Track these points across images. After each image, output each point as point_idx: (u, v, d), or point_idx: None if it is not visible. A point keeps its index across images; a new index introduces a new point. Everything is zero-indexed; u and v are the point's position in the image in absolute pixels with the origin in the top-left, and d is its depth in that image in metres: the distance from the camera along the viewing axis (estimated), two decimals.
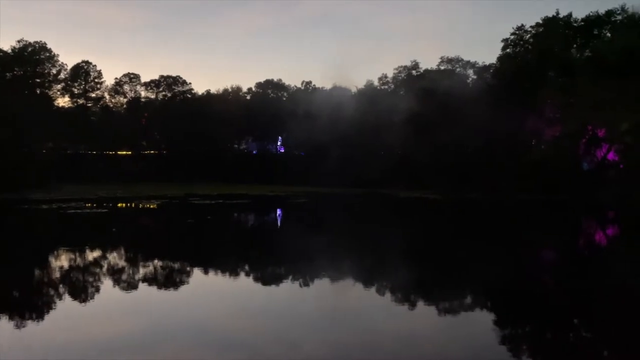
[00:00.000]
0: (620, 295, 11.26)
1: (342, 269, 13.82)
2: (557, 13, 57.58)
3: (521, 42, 60.74)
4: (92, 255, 15.62)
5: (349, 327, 8.52)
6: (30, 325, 8.33)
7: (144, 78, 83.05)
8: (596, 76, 47.22)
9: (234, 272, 13.36)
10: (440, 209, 38.57)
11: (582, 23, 55.80)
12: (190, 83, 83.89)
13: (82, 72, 76.47)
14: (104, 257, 15.35)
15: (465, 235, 22.96)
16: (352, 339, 7.81)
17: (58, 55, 73.11)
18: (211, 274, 13.18)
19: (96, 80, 77.85)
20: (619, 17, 54.31)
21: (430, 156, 59.93)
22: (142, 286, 11.26)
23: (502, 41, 61.54)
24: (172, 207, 35.11)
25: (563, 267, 15.42)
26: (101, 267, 13.59)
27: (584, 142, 54.97)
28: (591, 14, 55.48)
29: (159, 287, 11.27)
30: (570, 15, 57.03)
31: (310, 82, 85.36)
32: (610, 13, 54.81)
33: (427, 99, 62.43)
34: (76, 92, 76.45)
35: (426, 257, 16.48)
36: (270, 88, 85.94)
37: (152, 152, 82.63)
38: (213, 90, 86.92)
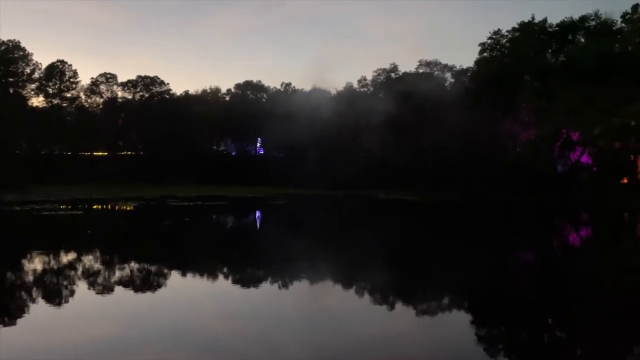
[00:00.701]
0: (595, 295, 11.49)
1: (322, 271, 13.82)
2: (533, 18, 58.69)
3: (498, 47, 61.76)
4: (66, 258, 15.33)
5: (329, 329, 8.53)
6: (1, 330, 8.13)
7: (121, 78, 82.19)
8: (570, 81, 48.24)
9: (213, 274, 13.26)
10: (418, 210, 38.89)
11: (557, 28, 56.99)
12: (168, 83, 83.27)
13: (57, 71, 75.15)
14: (78, 259, 15.08)
15: (443, 236, 23.18)
16: (332, 341, 7.82)
17: (32, 54, 71.83)
18: (189, 276, 13.05)
19: (71, 80, 76.61)
20: (593, 23, 55.58)
21: (409, 158, 60.49)
22: (119, 289, 11.09)
23: (479, 45, 62.52)
24: (149, 209, 34.70)
25: (538, 267, 15.67)
26: (76, 270, 13.35)
27: (558, 145, 56.15)
28: (565, 19, 56.70)
29: (136, 290, 11.12)
30: (545, 20, 58.19)
31: (290, 83, 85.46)
32: (584, 19, 56.05)
33: (406, 102, 63.04)
34: (51, 92, 75.12)
35: (405, 258, 16.58)
36: (249, 89, 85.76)
37: (129, 153, 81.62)
38: (192, 91, 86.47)
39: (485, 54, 62.68)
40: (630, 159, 55.45)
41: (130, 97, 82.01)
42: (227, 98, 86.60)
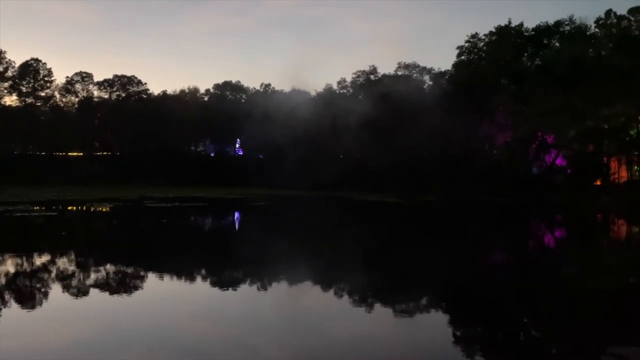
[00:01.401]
0: (567, 295, 11.71)
1: (301, 273, 13.79)
2: (509, 22, 59.68)
3: (475, 50, 62.66)
4: (40, 260, 15.01)
5: (308, 331, 8.51)
6: None
7: (97, 77, 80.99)
8: (546, 84, 49.16)
9: (190, 277, 13.12)
10: (396, 211, 39.13)
11: (533, 33, 58.05)
12: (145, 83, 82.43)
13: (31, 70, 73.80)
14: (52, 262, 14.78)
15: (420, 237, 23.38)
16: (311, 343, 7.80)
17: (5, 52, 70.62)
18: (166, 278, 12.88)
19: (46, 78, 75.30)
20: (567, 28, 56.77)
21: (388, 160, 60.88)
22: (94, 292, 10.90)
23: (457, 48, 63.39)
24: (126, 210, 34.23)
25: (513, 267, 15.89)
26: (50, 272, 13.08)
27: (534, 147, 57.16)
28: (541, 24, 57.81)
29: (112, 293, 10.93)
30: (521, 24, 59.22)
31: (270, 84, 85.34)
32: (559, 24, 57.20)
33: (385, 104, 63.49)
34: (24, 91, 73.70)
35: (382, 259, 16.65)
36: (228, 90, 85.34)
37: (105, 153, 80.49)
38: (170, 91, 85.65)
39: (462, 57, 63.53)
40: (604, 161, 56.72)
41: (106, 96, 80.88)
42: (206, 98, 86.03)
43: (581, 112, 46.80)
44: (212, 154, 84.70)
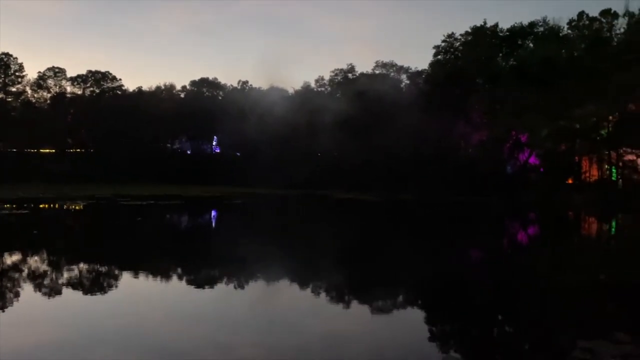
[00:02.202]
0: (538, 293, 11.95)
1: (277, 271, 13.78)
2: (485, 23, 60.47)
3: (451, 50, 63.32)
4: (10, 259, 14.68)
5: (283, 329, 8.51)
6: None
7: (70, 73, 79.30)
8: (519, 84, 49.96)
9: (165, 275, 12.98)
10: (373, 210, 39.36)
11: (508, 33, 58.92)
12: (120, 79, 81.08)
13: (2, 64, 72.03)
14: (24, 261, 14.47)
15: (397, 234, 23.57)
16: (287, 341, 7.81)
17: None
18: (141, 277, 12.73)
19: (17, 73, 73.56)
20: (541, 29, 57.79)
21: (365, 158, 61.15)
22: (67, 291, 10.71)
23: (433, 48, 63.93)
24: (100, 208, 33.68)
25: (487, 264, 16.15)
26: (21, 272, 12.80)
27: (508, 146, 58.04)
28: (516, 24, 58.69)
29: (85, 292, 10.76)
30: (496, 25, 60.07)
31: (247, 81, 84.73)
32: (532, 24, 58.18)
33: (362, 102, 63.72)
34: None
35: (358, 257, 16.74)
36: (205, 86, 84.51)
37: (78, 150, 78.96)
38: (145, 88, 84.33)
39: (439, 57, 64.12)
40: (575, 160, 57.93)
41: (80, 92, 79.38)
42: (182, 95, 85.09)
43: (554, 111, 47.66)
44: (188, 152, 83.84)
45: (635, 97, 48.51)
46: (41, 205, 34.14)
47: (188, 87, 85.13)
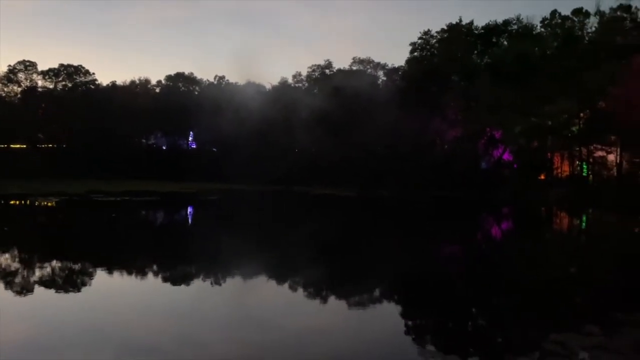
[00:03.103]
0: (512, 283, 12.19)
1: (253, 267, 13.75)
2: (460, 20, 61.13)
3: (428, 47, 63.86)
4: None
5: (258, 326, 8.51)
6: None
7: (42, 66, 77.37)
8: (494, 81, 50.68)
9: (140, 272, 12.83)
10: (350, 205, 39.54)
11: (482, 31, 59.67)
12: (93, 73, 79.32)
13: None
14: None
15: (372, 229, 23.73)
16: (262, 337, 7.81)
17: None
18: (115, 274, 12.54)
19: None
20: (515, 27, 58.69)
21: (343, 154, 61.29)
22: (39, 289, 10.51)
23: (410, 45, 64.36)
24: (73, 204, 33.06)
25: (460, 259, 16.39)
26: None
27: (482, 143, 58.84)
28: (490, 22, 59.46)
29: (57, 290, 10.57)
30: (471, 23, 60.77)
31: (224, 77, 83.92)
32: (507, 23, 59.03)
33: (339, 99, 63.81)
34: None
35: (335, 252, 16.81)
36: (181, 81, 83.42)
37: (50, 145, 77.16)
38: (119, 82, 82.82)
39: (415, 54, 64.60)
40: (547, 156, 59.10)
41: (51, 86, 77.56)
42: (157, 90, 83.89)
43: (527, 108, 48.51)
44: (164, 147, 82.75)
45: (605, 94, 49.67)
46: (12, 202, 33.35)
47: (163, 81, 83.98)
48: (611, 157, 55.33)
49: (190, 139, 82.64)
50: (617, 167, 54.61)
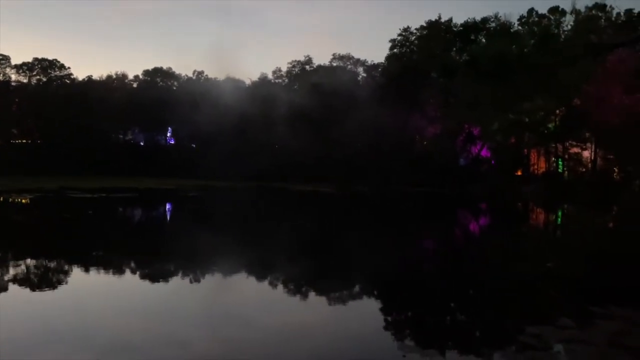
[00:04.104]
0: (489, 278, 12.36)
1: (233, 264, 13.68)
2: (439, 18, 61.76)
3: (407, 43, 64.30)
4: None
5: (240, 323, 8.48)
6: None
7: (15, 60, 75.74)
8: (472, 78, 51.24)
9: (118, 270, 12.64)
10: (330, 201, 39.62)
11: (461, 28, 60.27)
12: (69, 68, 78.03)
13: None
14: None
15: (353, 225, 23.81)
16: (242, 334, 7.78)
17: None
18: (92, 272, 12.34)
19: None
20: (493, 25, 59.39)
21: (323, 150, 61.41)
22: (14, 288, 10.28)
23: (390, 41, 64.69)
24: (47, 201, 32.45)
25: (438, 254, 16.57)
26: None
27: (461, 139, 59.55)
28: (469, 20, 60.09)
29: (33, 289, 10.36)
30: (450, 20, 61.38)
31: (202, 72, 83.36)
32: (485, 20, 59.71)
33: (320, 95, 63.88)
34: None
35: (315, 248, 16.82)
36: (159, 76, 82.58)
37: (24, 141, 75.68)
38: (95, 76, 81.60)
39: (395, 50, 65.00)
40: (524, 153, 60.07)
41: (25, 80, 75.98)
42: (135, 85, 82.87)
43: (504, 105, 49.18)
44: (141, 143, 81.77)
45: (580, 92, 50.61)
46: None
47: (141, 76, 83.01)
48: (586, 154, 56.57)
49: (168, 134, 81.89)
50: (592, 163, 55.81)
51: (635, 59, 44.38)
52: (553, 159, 58.71)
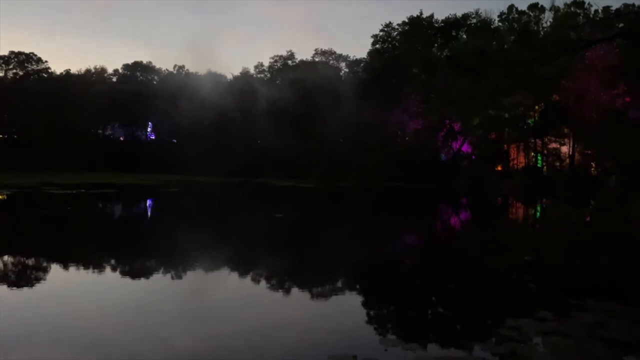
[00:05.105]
0: (468, 271, 12.48)
1: (214, 260, 13.60)
2: (421, 13, 62.01)
3: (389, 39, 64.51)
4: None
5: (222, 319, 8.43)
6: None
7: None
8: (453, 74, 51.61)
9: (97, 267, 12.44)
10: (312, 197, 39.62)
11: (442, 24, 60.60)
12: (46, 61, 76.64)
13: None
14: None
15: (334, 220, 23.85)
16: (225, 330, 7.74)
17: None
18: (72, 269, 12.15)
19: None
20: (474, 21, 59.74)
21: (304, 145, 61.35)
22: None
23: (372, 37, 64.81)
24: (25, 197, 31.86)
25: (419, 248, 16.68)
26: None
27: (442, 135, 60.00)
28: (450, 16, 60.38)
29: (10, 286, 10.16)
30: (432, 16, 61.79)
31: (183, 66, 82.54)
32: (466, 16, 59.83)
33: (302, 90, 63.76)
34: None
35: (296, 243, 16.81)
36: (139, 70, 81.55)
37: (0, 136, 74.19)
38: (74, 71, 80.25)
39: (377, 46, 65.16)
40: (504, 148, 60.79)
41: (1, 74, 74.44)
42: (114, 79, 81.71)
43: (485, 101, 49.66)
44: (121, 138, 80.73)
45: (559, 88, 51.36)
46: None
47: (120, 70, 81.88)
48: (564, 149, 57.49)
49: (149, 129, 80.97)
50: (570, 158, 56.71)
51: (613, 56, 45.15)
52: (532, 154, 59.53)
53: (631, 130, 43.54)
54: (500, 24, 58.67)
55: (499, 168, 60.52)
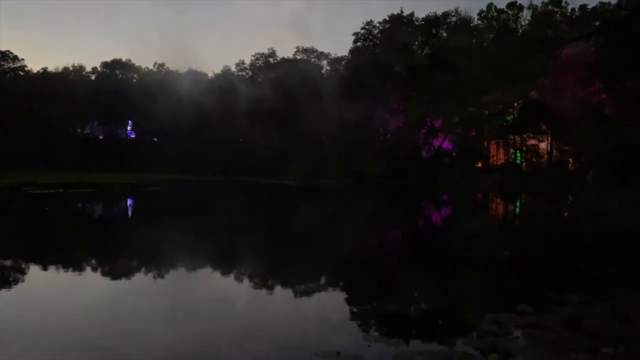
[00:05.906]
0: (450, 266, 12.63)
1: (197, 259, 13.53)
2: (402, 11, 62.37)
3: (370, 37, 64.71)
4: None
5: (204, 318, 8.41)
6: None
7: None
8: (434, 71, 51.99)
9: (78, 268, 12.28)
10: (294, 194, 39.62)
11: (423, 22, 61.09)
12: (23, 59, 75.12)
13: None
14: None
15: (317, 216, 23.89)
16: (209, 329, 7.72)
17: None
18: (51, 270, 11.96)
19: None
20: (454, 19, 60.44)
21: (287, 144, 61.29)
22: None
23: (353, 35, 64.97)
24: (2, 197, 31.28)
25: (400, 243, 16.81)
26: None
27: (423, 132, 60.45)
28: (430, 14, 60.96)
29: None
30: (412, 14, 62.14)
31: (163, 64, 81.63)
32: (446, 15, 60.72)
33: (284, 88, 63.64)
34: None
35: (279, 240, 16.81)
36: (118, 68, 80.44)
37: None
38: (51, 69, 78.87)
39: (358, 44, 65.35)
40: (484, 145, 61.52)
41: None
42: (93, 77, 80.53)
43: (464, 98, 50.13)
44: (100, 137, 79.63)
45: (537, 85, 52.08)
46: None
47: (99, 68, 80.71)
48: (543, 146, 58.39)
49: (129, 128, 80.00)
50: (548, 154, 57.61)
51: (589, 53, 45.96)
52: (512, 150, 60.35)
53: (607, 127, 44.39)
54: (479, 22, 59.41)
55: (479, 165, 61.24)
